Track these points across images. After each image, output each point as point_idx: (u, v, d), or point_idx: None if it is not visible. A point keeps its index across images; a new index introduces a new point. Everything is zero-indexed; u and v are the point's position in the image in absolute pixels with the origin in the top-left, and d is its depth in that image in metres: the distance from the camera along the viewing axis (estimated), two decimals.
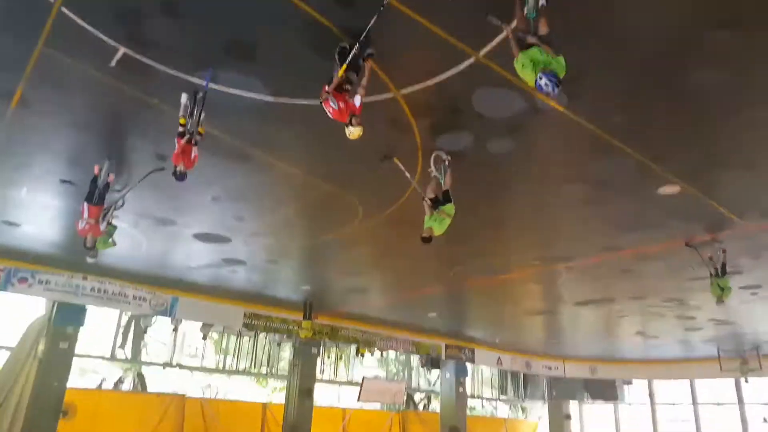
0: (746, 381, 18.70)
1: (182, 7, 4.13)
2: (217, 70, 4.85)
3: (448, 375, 19.70)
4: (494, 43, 4.32)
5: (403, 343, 17.94)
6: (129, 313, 14.54)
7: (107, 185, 6.39)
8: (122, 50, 4.59)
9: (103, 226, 6.39)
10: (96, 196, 6.25)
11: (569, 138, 5.82)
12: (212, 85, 4.99)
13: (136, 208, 8.21)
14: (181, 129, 5.13)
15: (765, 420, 19.68)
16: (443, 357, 19.01)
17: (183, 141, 5.14)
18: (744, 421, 20.02)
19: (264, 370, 18.62)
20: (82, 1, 4.12)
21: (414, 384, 22.37)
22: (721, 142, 5.75)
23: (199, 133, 5.18)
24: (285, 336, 16.02)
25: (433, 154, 6.20)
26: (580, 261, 10.04)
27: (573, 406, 23.95)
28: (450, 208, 5.89)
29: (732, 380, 19.68)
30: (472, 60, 4.56)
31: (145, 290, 12.76)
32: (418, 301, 13.96)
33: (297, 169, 6.84)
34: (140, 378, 16.05)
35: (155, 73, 4.84)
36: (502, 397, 24.45)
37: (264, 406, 17.20)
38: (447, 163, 6.09)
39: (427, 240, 5.89)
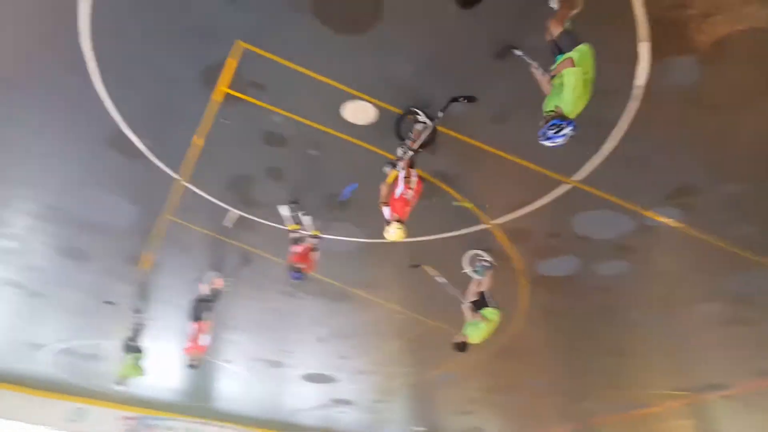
0: None
1: (285, 171, 4.54)
2: (317, 219, 5.14)
3: None
4: (589, 169, 4.20)
5: None
6: None
7: (216, 293, 6.10)
8: (235, 212, 5.09)
9: (204, 341, 6.21)
10: (202, 311, 6.10)
11: (692, 254, 5.27)
12: (323, 236, 5.28)
13: (248, 351, 8.53)
14: (295, 235, 5.10)
15: None
16: None
17: (300, 247, 5.10)
18: None
19: None
20: (201, 175, 4.69)
21: None
22: None
23: (315, 236, 5.19)
24: None
25: (470, 254, 5.54)
26: (737, 389, 8.55)
27: None
28: (490, 312, 5.25)
29: None
30: (568, 187, 4.43)
31: None
32: None
33: (398, 306, 6.80)
34: None
35: (261, 227, 5.25)
36: None
37: None
38: (486, 264, 5.42)
39: (460, 347, 5.29)
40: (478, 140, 4.07)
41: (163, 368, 9.52)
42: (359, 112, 3.92)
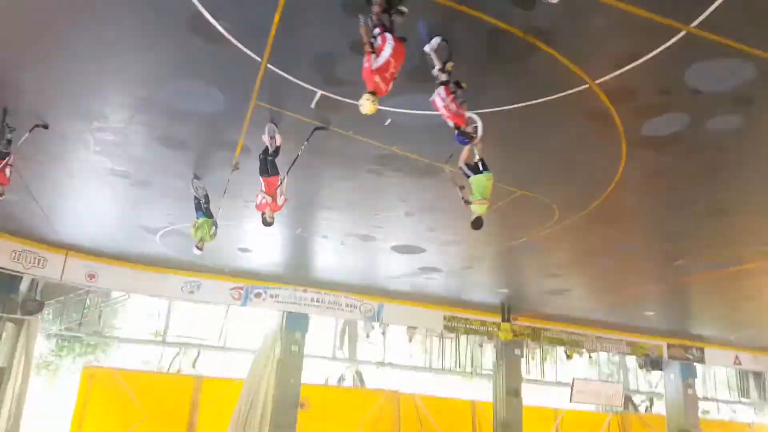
0: None
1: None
2: (403, 95, 4.97)
3: (672, 376, 17.58)
4: (709, 11, 3.67)
5: (616, 344, 16.51)
6: (343, 319, 15.98)
7: (277, 150, 5.68)
8: (319, 93, 5.01)
9: (281, 201, 5.87)
10: (268, 166, 5.74)
11: None
12: (398, 110, 5.15)
13: (342, 227, 8.95)
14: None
15: None
16: (665, 357, 17.01)
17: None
18: None
19: (468, 369, 18.83)
20: (282, 56, 4.58)
21: (632, 386, 20.45)
22: None
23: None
24: (486, 338, 16.00)
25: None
26: None
27: None
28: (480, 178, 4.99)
29: None
30: (682, 33, 3.94)
31: (355, 299, 13.96)
32: (630, 300, 12.72)
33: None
34: (359, 375, 17.55)
35: (348, 107, 5.17)
36: (744, 399, 20.98)
37: (472, 403, 17.39)
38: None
39: (475, 224, 5.16)
40: None
41: (267, 245, 10.29)
42: None
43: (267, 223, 5.99)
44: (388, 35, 3.58)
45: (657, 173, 6.27)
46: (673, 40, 4.01)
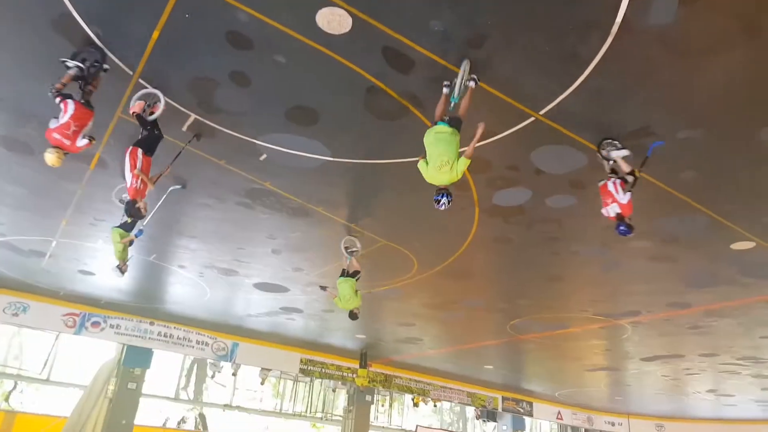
0: None
1: (250, 76, 4.37)
2: (280, 132, 5.06)
3: (504, 427, 18.96)
4: (556, 102, 4.30)
5: (458, 394, 17.42)
6: (192, 357, 14.95)
7: (155, 123, 4.71)
8: (193, 116, 4.90)
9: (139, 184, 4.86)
10: (146, 141, 4.75)
11: (636, 194, 5.61)
12: (274, 147, 5.22)
13: (203, 258, 8.57)
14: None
15: None
16: (499, 409, 18.28)
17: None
18: None
19: (319, 414, 18.53)
20: (157, 72, 4.43)
21: None
22: None
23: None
24: (340, 382, 15.99)
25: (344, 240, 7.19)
26: (646, 317, 9.54)
27: None
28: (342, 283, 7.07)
29: None
30: (531, 119, 4.55)
31: (207, 335, 13.19)
32: (474, 353, 13.60)
33: (354, 225, 6.95)
34: (202, 418, 16.38)
35: (222, 135, 5.11)
36: None
37: None
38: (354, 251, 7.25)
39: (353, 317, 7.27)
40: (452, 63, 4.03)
41: (110, 268, 9.42)
42: (334, 19, 3.74)
43: (139, 215, 5.13)
44: (69, 102, 4.17)
45: (503, 239, 6.96)
46: (524, 123, 4.61)
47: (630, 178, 4.67)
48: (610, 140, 4.74)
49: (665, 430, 20.66)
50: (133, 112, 4.64)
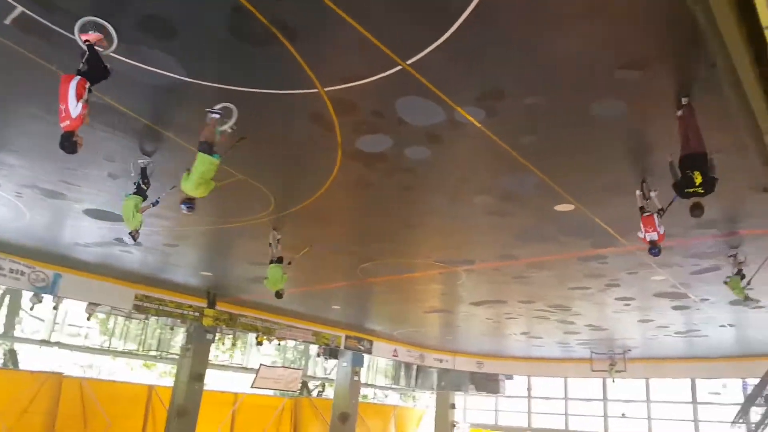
0: (613, 381, 20.65)
1: None
2: (132, 44, 4.50)
3: (345, 364, 20.03)
4: (423, 53, 4.39)
5: (304, 333, 17.89)
6: (3, 287, 13.24)
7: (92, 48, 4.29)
8: (20, 8, 4.13)
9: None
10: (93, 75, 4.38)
11: (483, 152, 6.07)
12: (122, 58, 4.64)
13: (23, 176, 7.47)
14: None
15: (623, 415, 21.95)
16: (342, 347, 19.21)
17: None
18: (606, 415, 22.20)
19: (153, 353, 17.79)
20: None
21: (310, 372, 22.46)
22: (613, 170, 6.28)
23: None
24: (179, 321, 15.38)
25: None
26: (479, 265, 10.56)
27: (458, 396, 25.21)
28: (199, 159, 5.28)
29: (600, 379, 21.70)
30: (398, 68, 4.61)
31: (23, 264, 11.67)
32: (323, 294, 13.97)
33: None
34: (11, 354, 14.78)
35: (58, 36, 4.40)
36: (394, 386, 25.21)
37: (150, 388, 16.48)
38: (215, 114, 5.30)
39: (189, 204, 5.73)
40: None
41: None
42: None
43: (74, 150, 4.61)
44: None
45: (362, 184, 7.11)
46: (391, 71, 4.66)
47: (661, 213, 6.08)
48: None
49: (484, 366, 23.46)
50: (87, 41, 4.23)
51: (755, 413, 16.42)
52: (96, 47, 4.31)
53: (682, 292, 11.17)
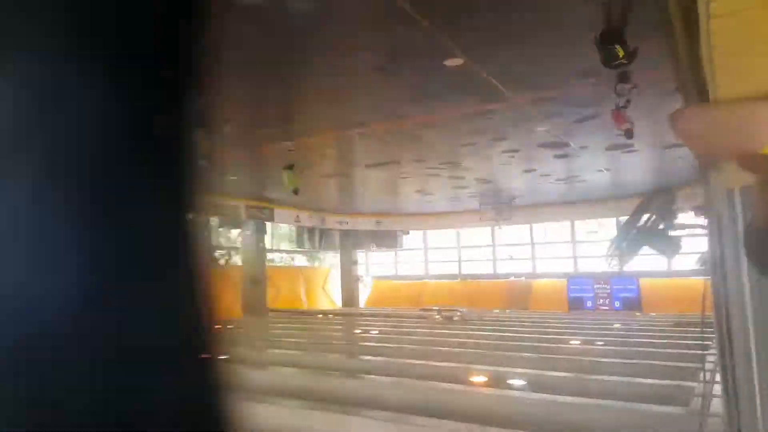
0: (500, 228, 22.74)
1: None
2: None
3: (248, 233, 20.20)
4: None
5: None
6: None
7: None
8: None
9: None
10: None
11: (369, 8, 5.73)
12: None
13: None
14: None
15: (510, 257, 24.65)
16: (243, 217, 19.18)
17: None
18: (495, 259, 24.80)
19: None
20: None
21: (214, 242, 22.45)
22: (500, 19, 6.21)
23: None
24: None
25: None
26: (372, 127, 10.57)
27: (360, 254, 26.79)
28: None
29: (489, 228, 23.83)
30: None
31: None
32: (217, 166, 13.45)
33: None
34: None
35: None
36: (299, 249, 26.11)
37: None
38: None
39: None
40: None
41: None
42: None
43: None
44: None
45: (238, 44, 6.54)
46: None
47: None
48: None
49: (382, 224, 24.72)
50: None
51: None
52: None
53: (563, 141, 11.99)
